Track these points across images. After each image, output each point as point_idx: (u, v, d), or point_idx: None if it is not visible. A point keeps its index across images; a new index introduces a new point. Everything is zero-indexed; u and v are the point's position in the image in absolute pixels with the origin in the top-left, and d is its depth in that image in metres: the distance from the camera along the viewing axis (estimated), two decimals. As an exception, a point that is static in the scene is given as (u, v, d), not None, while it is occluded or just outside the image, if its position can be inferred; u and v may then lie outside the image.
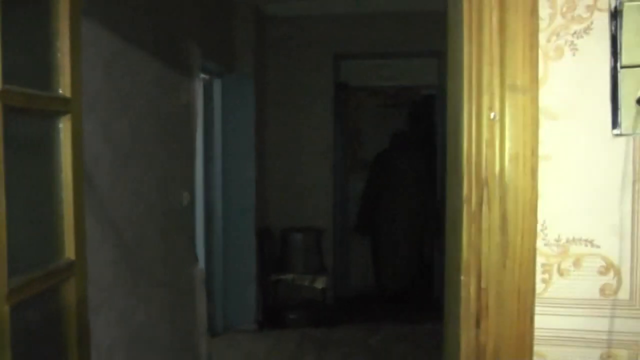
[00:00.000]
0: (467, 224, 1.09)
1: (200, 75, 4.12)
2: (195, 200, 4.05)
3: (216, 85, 4.90)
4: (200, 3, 4.19)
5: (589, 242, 1.11)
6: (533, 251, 1.10)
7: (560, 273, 1.12)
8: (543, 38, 1.11)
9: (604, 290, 1.11)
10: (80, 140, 1.81)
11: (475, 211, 1.08)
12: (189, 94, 3.83)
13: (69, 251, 1.76)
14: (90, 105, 2.47)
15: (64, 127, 1.75)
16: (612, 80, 1.09)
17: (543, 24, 1.11)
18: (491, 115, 1.08)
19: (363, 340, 4.90)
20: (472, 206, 1.08)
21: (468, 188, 1.09)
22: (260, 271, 5.16)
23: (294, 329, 5.12)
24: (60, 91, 1.73)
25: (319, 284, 5.40)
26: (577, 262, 1.12)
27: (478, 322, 1.09)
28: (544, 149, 1.11)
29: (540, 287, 1.13)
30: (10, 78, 1.44)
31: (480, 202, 1.08)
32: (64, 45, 1.74)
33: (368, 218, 6.07)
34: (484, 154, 1.08)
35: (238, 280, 5.00)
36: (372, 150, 6.27)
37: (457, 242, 1.12)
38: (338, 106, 5.86)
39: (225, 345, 4.73)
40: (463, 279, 1.09)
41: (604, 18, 1.10)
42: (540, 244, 1.12)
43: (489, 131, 1.08)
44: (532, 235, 1.10)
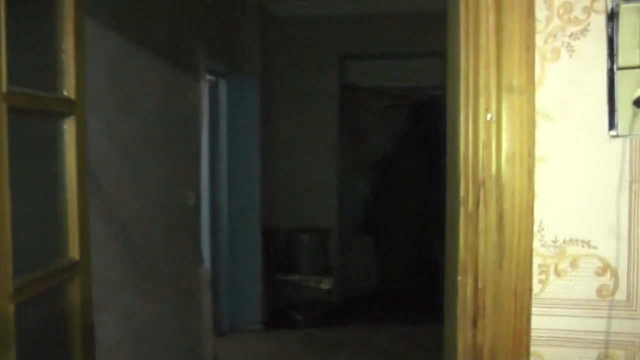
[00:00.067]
0: (464, 224, 1.09)
1: (205, 76, 4.14)
2: (201, 200, 4.07)
3: (222, 86, 4.92)
4: (205, 4, 4.21)
5: (586, 243, 1.12)
6: (529, 252, 1.10)
7: (557, 274, 1.12)
8: (540, 39, 1.11)
9: (600, 291, 1.12)
10: (84, 141, 1.83)
11: (472, 212, 1.09)
12: (194, 94, 3.85)
13: (73, 251, 1.78)
14: (96, 105, 2.49)
15: (69, 128, 1.76)
16: (609, 81, 1.09)
17: (540, 26, 1.11)
18: (488, 116, 1.09)
19: (369, 341, 4.91)
20: (469, 207, 1.09)
21: (465, 189, 1.10)
22: (266, 271, 5.18)
23: (300, 329, 5.13)
24: (64, 92, 1.74)
25: (325, 285, 5.41)
26: (574, 263, 1.12)
27: (475, 322, 1.09)
28: (540, 150, 1.12)
29: (537, 288, 1.13)
30: (15, 79, 1.46)
31: (477, 203, 1.09)
32: (69, 47, 1.75)
33: (374, 218, 6.08)
34: (480, 155, 1.09)
35: (244, 280, 5.01)
36: (377, 150, 6.27)
37: (455, 243, 1.12)
38: (343, 106, 5.87)
39: (230, 345, 4.75)
40: (460, 279, 1.09)
41: (600, 20, 1.10)
42: (537, 245, 1.12)
43: (485, 132, 1.09)
44: (529, 235, 1.10)
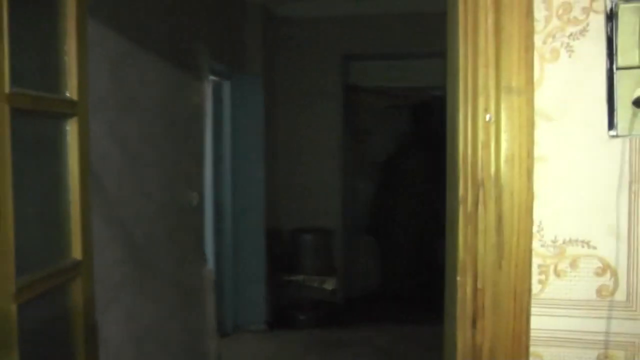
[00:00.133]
0: (463, 224, 1.09)
1: (208, 76, 4.15)
2: (204, 200, 4.08)
3: (225, 87, 4.93)
4: (207, 4, 4.22)
5: (586, 243, 1.12)
6: (529, 252, 1.10)
7: (557, 274, 1.12)
8: (539, 40, 1.11)
9: (600, 292, 1.11)
10: (86, 142, 1.84)
11: (471, 212, 1.09)
12: (197, 95, 3.86)
13: (76, 251, 1.79)
14: (98, 106, 2.50)
15: (71, 129, 1.77)
16: (608, 81, 1.09)
17: (539, 26, 1.11)
18: (487, 117, 1.09)
19: (372, 341, 4.91)
20: (468, 207, 1.09)
21: (464, 189, 1.10)
22: (269, 272, 5.18)
23: (303, 330, 5.14)
24: (67, 94, 1.75)
25: (329, 285, 5.41)
26: (574, 263, 1.12)
27: (474, 323, 1.09)
28: (539, 150, 1.12)
29: (536, 288, 1.13)
30: (18, 81, 1.47)
31: (476, 203, 1.09)
32: (71, 49, 1.76)
33: (377, 219, 6.08)
34: (479, 155, 1.09)
35: (247, 280, 5.02)
36: (380, 151, 6.27)
37: (454, 243, 1.12)
38: (347, 107, 5.88)
39: (234, 345, 4.76)
40: (459, 279, 1.09)
41: (599, 20, 1.10)
42: (536, 245, 1.12)
43: (484, 133, 1.09)
44: (528, 236, 1.10)
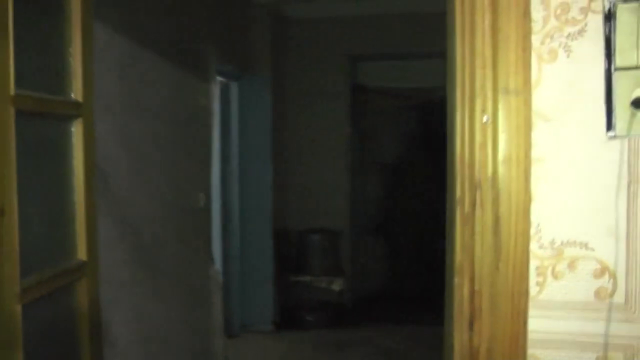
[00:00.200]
0: (460, 225, 1.09)
1: (216, 78, 4.16)
2: (212, 201, 4.09)
3: (233, 88, 4.95)
4: (216, 6, 4.24)
5: (584, 245, 1.11)
6: (526, 253, 1.10)
7: (555, 276, 1.12)
8: (537, 40, 1.11)
9: (599, 294, 1.11)
10: (92, 143, 1.85)
11: (468, 213, 1.09)
12: (204, 96, 3.88)
13: (81, 252, 1.80)
14: (107, 107, 2.52)
15: (76, 131, 1.79)
16: (607, 82, 1.09)
17: (537, 27, 1.11)
18: (484, 118, 1.09)
19: (380, 342, 4.90)
20: (465, 208, 1.09)
21: (461, 190, 1.10)
22: (277, 272, 5.19)
23: (311, 330, 5.14)
24: (72, 95, 1.77)
25: (336, 286, 5.42)
26: (572, 265, 1.12)
27: (471, 324, 1.09)
28: (537, 151, 1.11)
29: (534, 290, 1.12)
30: (24, 83, 1.49)
31: (473, 204, 1.09)
32: (76, 50, 1.78)
33: (386, 220, 6.08)
34: (476, 157, 1.09)
35: (255, 281, 5.04)
36: (388, 151, 6.26)
37: (452, 244, 1.12)
38: (354, 107, 5.87)
39: (242, 346, 4.77)
40: (456, 280, 1.09)
41: (598, 20, 1.09)
42: (534, 247, 1.12)
43: (481, 134, 1.08)
44: (525, 237, 1.10)
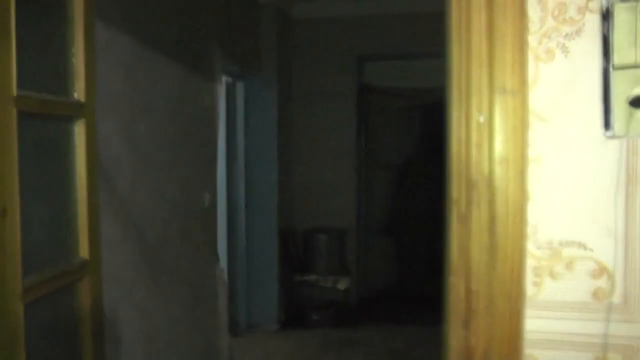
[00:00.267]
0: (456, 225, 1.09)
1: (222, 78, 4.17)
2: (217, 201, 4.11)
3: (239, 87, 4.96)
4: (223, 6, 4.25)
5: (582, 245, 1.10)
6: (522, 254, 1.09)
7: (552, 276, 1.11)
8: (534, 40, 1.10)
9: (596, 294, 1.10)
10: (94, 142, 1.86)
11: (464, 213, 1.08)
12: (210, 96, 3.89)
13: (83, 251, 1.81)
14: (112, 107, 2.54)
15: (79, 131, 1.80)
16: (604, 81, 1.08)
17: (534, 27, 1.10)
18: (480, 118, 1.08)
19: (385, 342, 4.90)
20: (461, 208, 1.09)
21: (457, 190, 1.09)
22: (283, 271, 5.20)
23: (316, 330, 5.15)
24: (74, 95, 1.78)
25: (342, 285, 5.42)
26: (570, 265, 1.11)
27: (467, 324, 1.09)
28: (534, 151, 1.11)
29: (532, 290, 1.12)
30: (26, 83, 1.50)
31: (469, 204, 1.08)
32: (79, 51, 1.79)
33: (393, 219, 6.07)
34: (473, 156, 1.09)
35: (261, 280, 5.05)
36: (395, 151, 6.26)
37: (448, 244, 1.12)
38: (360, 107, 5.87)
39: (247, 345, 4.79)
40: (452, 280, 1.09)
41: (595, 19, 1.09)
42: (531, 247, 1.11)
43: (477, 134, 1.08)
44: (522, 237, 1.09)
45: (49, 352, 1.73)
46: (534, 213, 1.12)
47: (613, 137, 1.09)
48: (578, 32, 1.09)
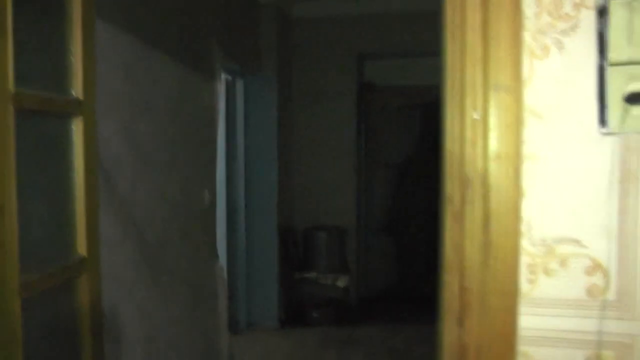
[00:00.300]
0: (450, 222, 1.09)
1: (222, 76, 4.17)
2: (217, 199, 4.11)
3: (239, 86, 4.96)
4: (223, 5, 4.25)
5: (576, 242, 1.10)
6: (517, 251, 1.09)
7: (547, 273, 1.11)
8: (529, 36, 1.10)
9: (591, 291, 1.10)
10: (93, 140, 1.86)
11: (458, 210, 1.08)
12: (210, 95, 3.89)
13: (81, 249, 1.81)
14: (111, 106, 2.54)
15: (77, 128, 1.80)
16: (599, 78, 1.08)
17: (529, 23, 1.10)
18: (474, 115, 1.08)
19: (385, 340, 4.90)
20: (455, 205, 1.09)
21: (451, 187, 1.09)
22: (283, 269, 5.21)
23: (316, 328, 5.15)
24: (73, 93, 1.78)
25: (342, 283, 5.42)
26: (564, 262, 1.11)
27: (461, 321, 1.09)
28: (528, 148, 1.10)
29: (526, 287, 1.12)
30: (24, 81, 1.50)
31: (463, 202, 1.08)
32: (77, 48, 1.78)
33: (394, 218, 6.07)
34: (467, 153, 1.08)
35: (261, 278, 5.05)
36: (395, 149, 6.26)
37: (442, 241, 1.12)
38: (361, 106, 5.87)
39: (247, 343, 4.79)
40: (446, 277, 1.09)
41: (590, 16, 1.08)
42: (526, 244, 1.11)
43: (472, 131, 1.08)
44: (516, 235, 1.09)
45: (48, 350, 1.74)
46: (528, 210, 1.11)
47: (608, 134, 1.08)
48: (573, 29, 1.09)
